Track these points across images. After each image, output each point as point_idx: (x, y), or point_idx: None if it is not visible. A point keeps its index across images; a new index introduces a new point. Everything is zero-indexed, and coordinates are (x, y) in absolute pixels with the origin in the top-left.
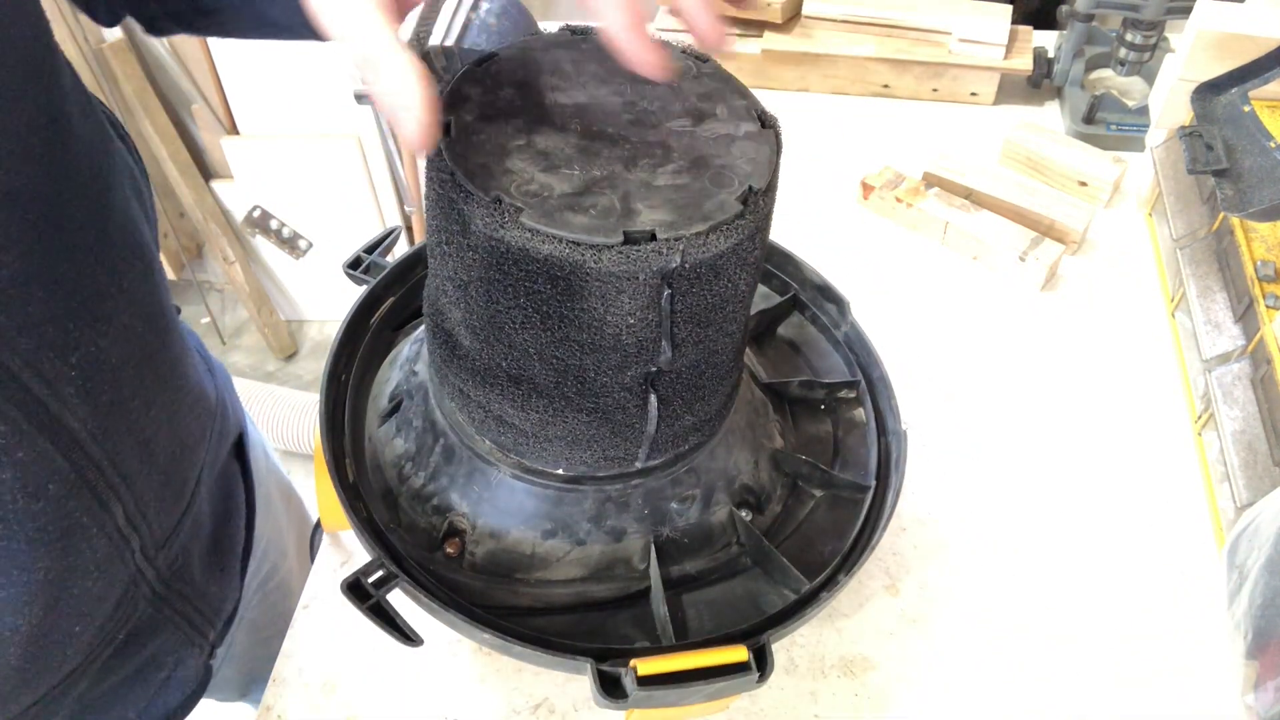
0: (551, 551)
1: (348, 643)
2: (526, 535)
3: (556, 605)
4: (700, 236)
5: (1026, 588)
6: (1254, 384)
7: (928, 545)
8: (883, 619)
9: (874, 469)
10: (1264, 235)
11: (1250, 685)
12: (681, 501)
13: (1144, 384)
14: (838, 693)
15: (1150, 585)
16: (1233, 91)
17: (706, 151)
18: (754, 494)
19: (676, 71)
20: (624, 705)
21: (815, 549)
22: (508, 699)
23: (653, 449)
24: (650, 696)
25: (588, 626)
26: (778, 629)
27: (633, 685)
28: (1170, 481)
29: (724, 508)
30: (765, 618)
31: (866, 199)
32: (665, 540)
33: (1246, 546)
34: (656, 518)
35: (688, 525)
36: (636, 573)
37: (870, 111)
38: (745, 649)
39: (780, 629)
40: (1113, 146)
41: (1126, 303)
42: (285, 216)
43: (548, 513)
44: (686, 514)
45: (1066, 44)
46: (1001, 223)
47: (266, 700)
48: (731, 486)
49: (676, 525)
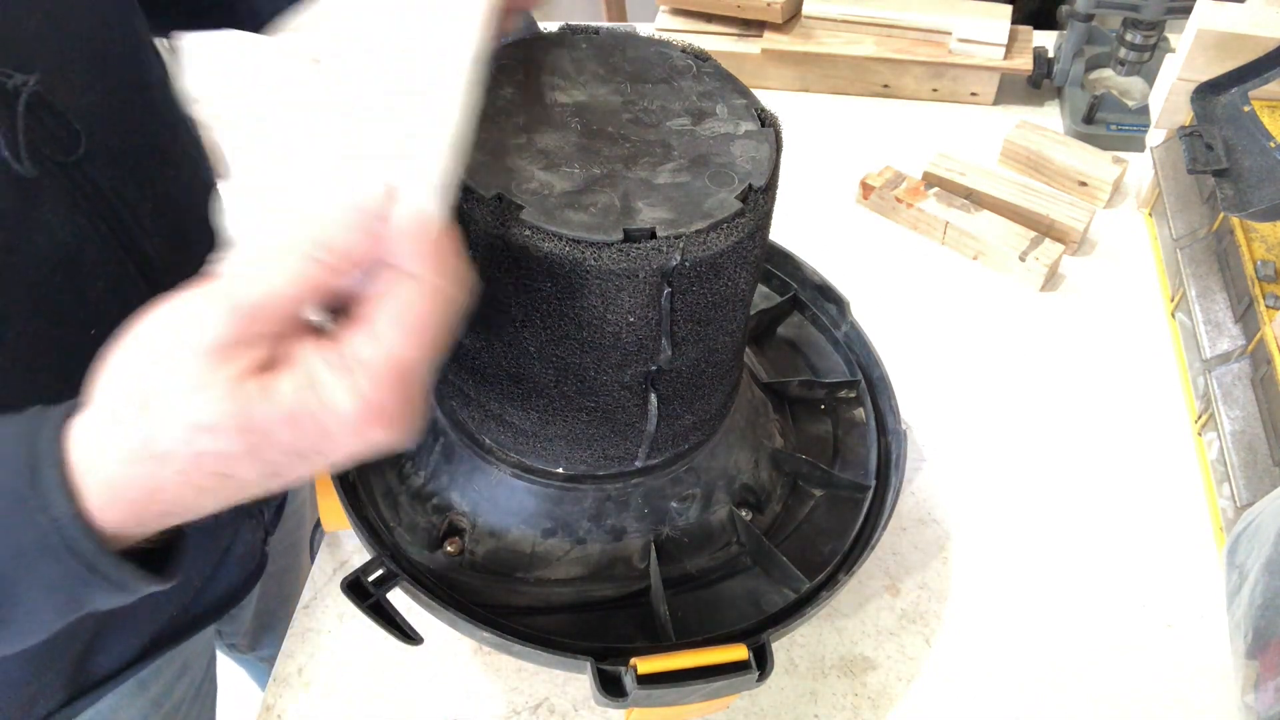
0: (551, 550)
1: (348, 643)
2: (527, 534)
3: (556, 604)
4: (700, 234)
5: (1026, 587)
6: (1254, 384)
7: (928, 545)
8: (883, 619)
9: (874, 468)
10: (1264, 235)
11: (1250, 685)
12: (681, 501)
13: (1144, 384)
14: (838, 693)
15: (1150, 585)
16: (1233, 91)
17: (706, 150)
18: (754, 493)
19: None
20: (624, 704)
21: (815, 548)
22: (508, 699)
23: (653, 448)
24: (650, 695)
25: (587, 626)
26: (778, 628)
27: (633, 684)
28: (1170, 481)
29: (724, 507)
30: (765, 617)
31: (866, 199)
32: (665, 539)
33: (1246, 546)
34: (656, 517)
35: (688, 524)
36: (636, 572)
37: (870, 111)
38: (745, 648)
39: (780, 628)
40: (1113, 146)
41: (1126, 303)
42: None
43: (548, 511)
44: (686, 513)
45: (1066, 44)
46: (1001, 223)
47: (266, 700)
48: (732, 486)
49: (676, 524)
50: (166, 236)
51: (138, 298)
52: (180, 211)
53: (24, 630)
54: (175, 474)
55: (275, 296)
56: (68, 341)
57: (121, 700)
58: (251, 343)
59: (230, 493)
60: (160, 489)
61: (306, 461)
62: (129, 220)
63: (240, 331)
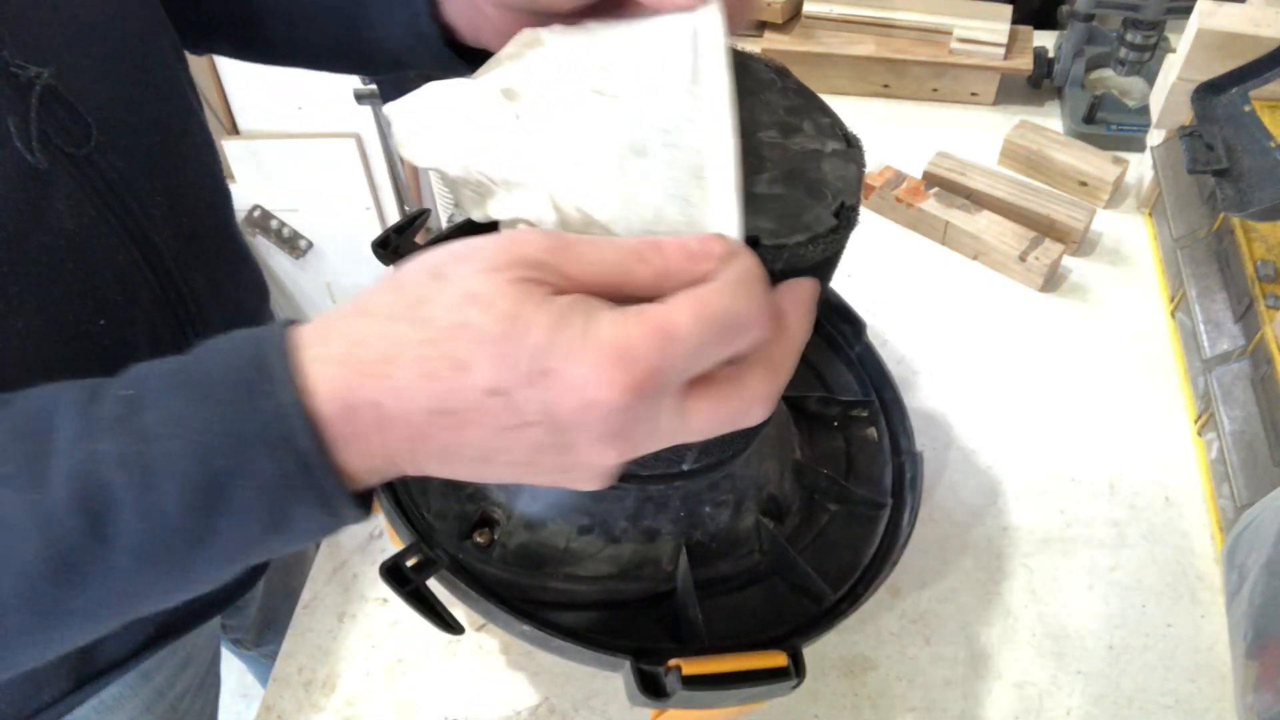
0: (585, 548)
1: (348, 643)
2: (562, 529)
3: (581, 602)
4: (800, 246)
5: (1026, 587)
6: (1254, 384)
7: (928, 545)
8: (883, 619)
9: (889, 487)
10: (1264, 235)
11: (1250, 685)
12: (716, 506)
13: (1144, 384)
14: (838, 693)
15: (1150, 585)
16: (1233, 91)
17: (798, 164)
18: (777, 503)
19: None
20: (664, 704)
21: (831, 561)
22: (508, 699)
23: (701, 452)
24: (691, 697)
25: (613, 624)
26: (808, 636)
27: (676, 684)
28: (1170, 481)
29: (752, 515)
30: (797, 625)
31: (867, 199)
32: (695, 543)
33: (1246, 546)
34: (691, 520)
35: (718, 530)
36: (663, 574)
37: (870, 111)
38: (785, 655)
39: (810, 636)
40: (1113, 146)
41: (1126, 303)
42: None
43: (587, 508)
44: (718, 519)
45: (1066, 44)
46: (1001, 223)
47: (266, 700)
48: (760, 495)
49: (707, 529)
50: (175, 229)
51: (146, 289)
52: (189, 204)
53: (220, 554)
54: (418, 343)
55: (596, 253)
56: (76, 332)
57: (124, 690)
58: (557, 271)
59: (452, 400)
60: (394, 360)
61: (542, 393)
62: (138, 212)
63: (552, 259)
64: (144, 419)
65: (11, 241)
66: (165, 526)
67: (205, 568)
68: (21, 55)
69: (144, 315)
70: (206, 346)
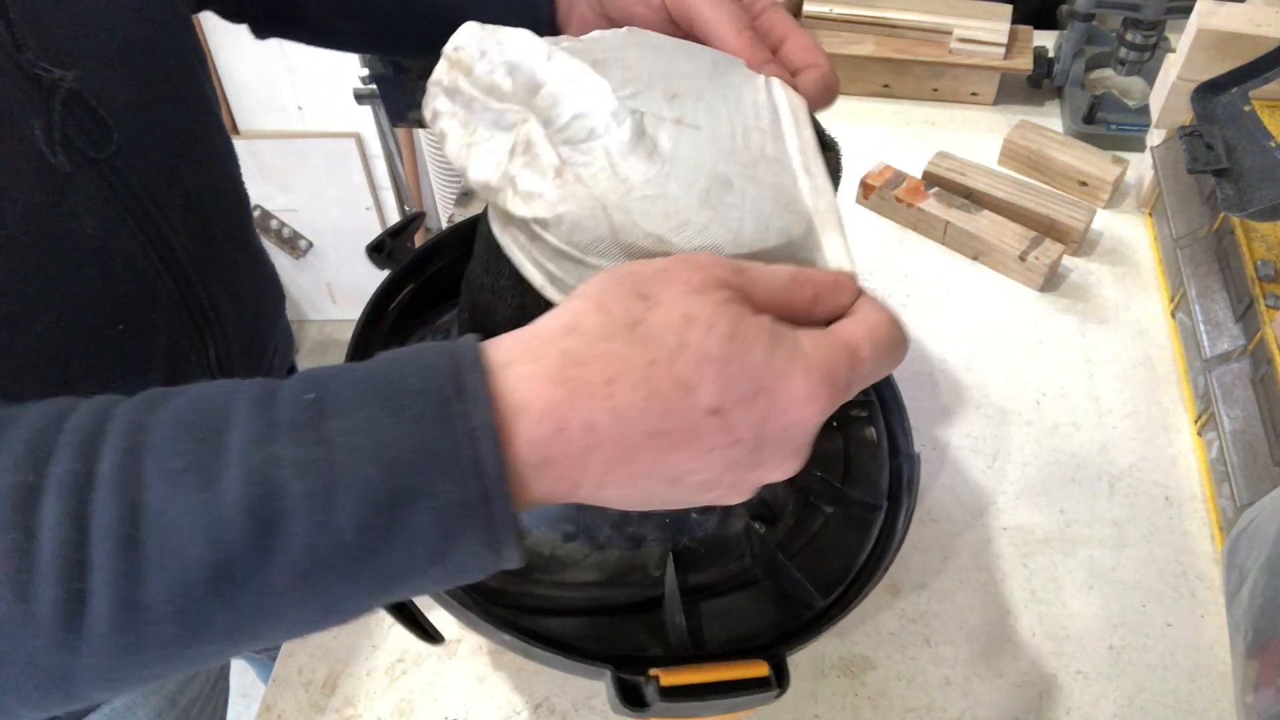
0: (570, 554)
1: (348, 643)
2: (548, 536)
3: (567, 608)
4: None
5: (1026, 587)
6: (1254, 384)
7: (928, 545)
8: (883, 619)
9: (885, 489)
10: (1264, 235)
11: (1250, 685)
12: (703, 512)
13: (1144, 384)
14: (838, 693)
15: (1150, 585)
16: (1233, 91)
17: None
18: (769, 507)
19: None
20: (644, 714)
21: (825, 565)
22: (508, 699)
23: None
24: (670, 708)
25: (599, 631)
26: (795, 644)
27: (655, 695)
28: (1170, 481)
29: (741, 520)
30: (783, 633)
31: (866, 199)
32: (682, 549)
33: (1246, 546)
34: (677, 526)
35: (705, 535)
36: (650, 580)
37: (870, 111)
38: (766, 665)
39: (797, 644)
40: (1113, 146)
41: (1127, 303)
42: (285, 216)
43: (572, 515)
44: (706, 524)
45: (1066, 44)
46: (1001, 223)
47: (266, 700)
48: (750, 499)
49: (695, 535)
50: (194, 233)
51: (165, 293)
52: (208, 209)
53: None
54: (643, 365)
55: (769, 277)
56: (96, 334)
57: (135, 698)
58: (743, 292)
59: (670, 421)
60: (616, 381)
61: (755, 411)
62: (157, 216)
63: (737, 280)
64: (330, 425)
65: (33, 243)
66: (333, 544)
67: (358, 597)
68: (46, 58)
69: (163, 319)
70: (391, 357)
